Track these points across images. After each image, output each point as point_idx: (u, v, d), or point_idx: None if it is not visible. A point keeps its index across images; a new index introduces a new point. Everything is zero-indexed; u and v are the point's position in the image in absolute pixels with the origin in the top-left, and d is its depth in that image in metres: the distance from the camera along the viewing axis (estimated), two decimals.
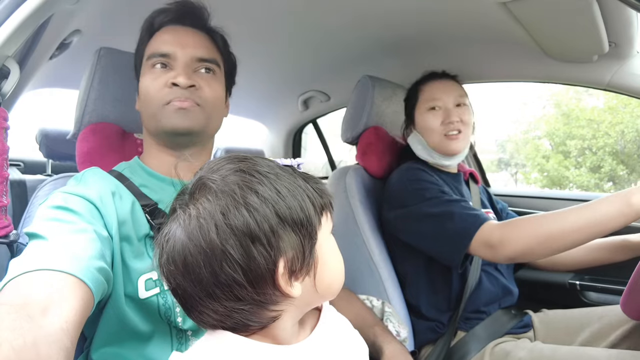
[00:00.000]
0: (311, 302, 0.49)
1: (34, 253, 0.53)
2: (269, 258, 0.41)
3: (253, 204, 0.42)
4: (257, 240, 0.41)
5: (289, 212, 0.43)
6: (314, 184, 0.47)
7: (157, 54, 0.74)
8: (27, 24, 0.63)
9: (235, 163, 0.45)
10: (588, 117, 11.61)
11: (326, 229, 0.48)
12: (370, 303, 0.97)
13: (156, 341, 0.66)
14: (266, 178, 0.44)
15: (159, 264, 0.45)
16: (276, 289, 0.43)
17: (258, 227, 0.41)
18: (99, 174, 0.72)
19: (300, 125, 2.11)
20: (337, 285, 0.49)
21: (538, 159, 12.47)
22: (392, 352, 0.78)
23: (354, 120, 1.31)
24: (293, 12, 1.15)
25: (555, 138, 12.23)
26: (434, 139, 1.15)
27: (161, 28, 0.77)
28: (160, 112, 0.72)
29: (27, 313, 0.44)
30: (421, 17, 1.16)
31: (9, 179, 0.69)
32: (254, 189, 0.42)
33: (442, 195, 1.03)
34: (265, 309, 0.44)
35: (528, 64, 1.31)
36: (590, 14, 0.93)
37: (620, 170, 11.29)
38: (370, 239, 1.14)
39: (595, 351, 0.89)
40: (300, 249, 0.43)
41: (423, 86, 1.20)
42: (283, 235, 0.42)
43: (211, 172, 0.45)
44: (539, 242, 0.85)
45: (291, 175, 0.46)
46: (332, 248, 0.49)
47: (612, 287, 1.29)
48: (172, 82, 0.72)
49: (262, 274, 0.42)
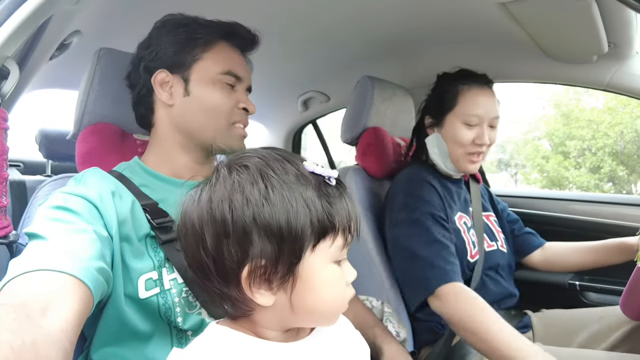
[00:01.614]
0: (288, 319, 0.47)
1: (33, 253, 0.54)
2: (236, 257, 0.43)
3: (235, 202, 0.43)
4: (229, 236, 0.43)
5: (270, 221, 0.42)
6: (328, 205, 0.44)
7: (234, 74, 0.78)
8: (27, 24, 0.63)
9: (254, 158, 0.46)
10: (588, 118, 11.62)
11: (323, 254, 0.45)
12: (370, 304, 0.97)
13: (156, 341, 0.66)
14: (264, 181, 0.44)
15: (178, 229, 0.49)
16: (239, 289, 0.44)
17: (232, 225, 0.43)
18: (99, 174, 0.72)
19: (300, 126, 2.11)
20: (320, 315, 0.47)
21: (538, 159, 12.47)
22: (391, 352, 0.78)
23: (353, 120, 1.31)
24: (293, 13, 1.15)
25: (554, 139, 12.24)
26: (457, 153, 1.10)
27: (226, 42, 0.79)
28: (227, 130, 0.78)
29: (26, 313, 0.44)
30: (421, 17, 1.16)
31: (8, 180, 0.69)
32: (242, 188, 0.43)
33: (430, 227, 1.02)
34: (234, 304, 0.46)
35: (527, 64, 1.32)
36: (590, 15, 0.93)
37: (620, 171, 11.29)
38: (370, 239, 1.14)
39: (595, 353, 0.89)
40: (273, 260, 0.43)
41: (464, 90, 1.09)
42: (256, 241, 0.43)
43: (234, 162, 0.47)
44: (457, 322, 0.90)
45: (302, 187, 0.44)
46: (327, 276, 0.45)
47: (612, 287, 1.29)
48: (243, 106, 0.80)
49: (227, 270, 0.44)
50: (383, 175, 1.28)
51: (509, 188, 8.03)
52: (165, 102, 0.77)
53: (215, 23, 0.79)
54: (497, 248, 1.15)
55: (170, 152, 0.78)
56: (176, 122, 0.77)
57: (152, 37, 0.78)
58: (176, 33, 0.77)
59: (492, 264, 1.12)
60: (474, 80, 1.11)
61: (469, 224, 1.13)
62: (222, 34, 0.79)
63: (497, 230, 1.20)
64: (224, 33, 0.79)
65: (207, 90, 0.76)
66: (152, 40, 0.78)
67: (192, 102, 0.76)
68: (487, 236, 1.15)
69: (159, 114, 0.79)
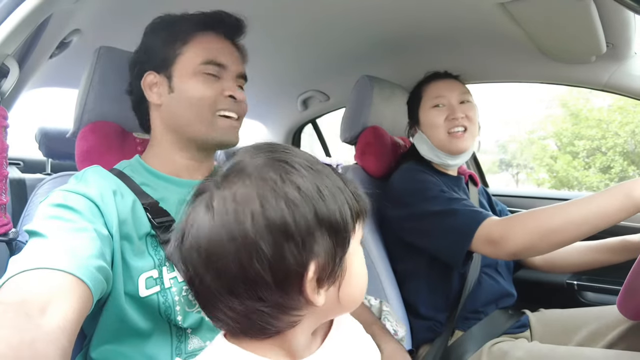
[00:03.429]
0: (331, 312, 0.46)
1: (33, 251, 0.54)
2: (300, 260, 0.38)
3: (294, 199, 0.38)
4: (291, 239, 0.38)
5: (328, 214, 0.39)
6: (353, 188, 0.44)
7: (214, 63, 0.75)
8: (27, 23, 0.63)
9: (275, 153, 0.42)
10: (597, 117, 11.34)
11: (358, 238, 0.45)
12: (368, 302, 0.97)
13: (156, 339, 0.66)
14: (308, 173, 0.40)
15: (179, 249, 0.41)
16: (301, 295, 0.39)
17: (295, 225, 0.38)
18: (100, 172, 0.72)
19: (299, 125, 2.11)
20: (360, 298, 0.46)
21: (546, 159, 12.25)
22: (390, 351, 0.79)
23: (352, 120, 1.31)
24: (292, 12, 1.15)
25: (563, 138, 11.99)
26: (439, 137, 1.14)
27: (205, 32, 0.77)
28: (213, 121, 0.75)
29: (25, 311, 0.44)
30: (420, 17, 1.16)
31: (8, 178, 0.69)
32: (296, 183, 0.39)
33: (442, 194, 1.04)
34: (286, 313, 0.40)
35: (526, 64, 1.32)
36: (588, 15, 0.93)
37: (631, 171, 10.96)
38: (368, 238, 1.14)
39: (593, 351, 0.90)
40: (332, 256, 0.40)
41: (426, 86, 1.20)
42: (318, 238, 0.39)
43: (250, 157, 0.42)
44: (541, 237, 0.84)
45: (332, 175, 0.43)
46: (360, 259, 0.45)
47: (610, 287, 1.30)
48: (229, 94, 0.75)
49: (290, 277, 0.38)
50: (382, 174, 1.28)
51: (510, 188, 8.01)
52: (155, 102, 0.77)
53: (196, 15, 0.77)
54: None
55: (167, 152, 0.77)
56: (166, 121, 0.77)
57: (142, 42, 0.80)
58: (160, 33, 0.78)
59: (491, 261, 1.12)
60: (434, 77, 1.21)
61: None
62: (203, 24, 0.77)
63: None
64: (204, 23, 0.77)
65: (188, 83, 0.74)
66: (142, 44, 0.79)
67: (176, 98, 0.75)
68: None
69: (153, 116, 0.79)
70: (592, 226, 0.80)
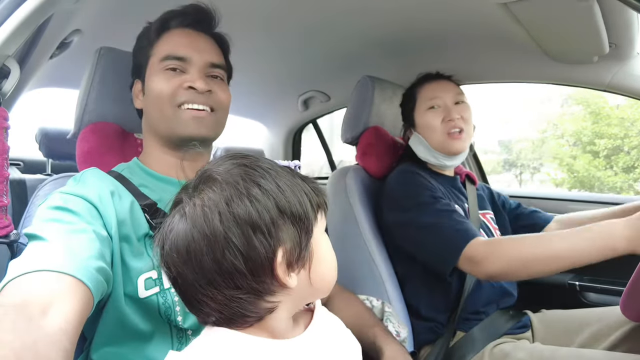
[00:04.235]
0: (306, 295, 0.50)
1: (33, 254, 0.53)
2: (268, 247, 0.43)
3: (255, 195, 0.44)
4: (258, 230, 0.43)
5: (289, 205, 0.45)
6: (311, 184, 0.50)
7: (173, 57, 0.74)
8: (28, 23, 0.63)
9: (239, 159, 0.47)
10: (619, 116, 10.78)
11: (321, 226, 0.50)
12: (370, 303, 0.96)
13: (156, 341, 0.65)
14: (268, 173, 0.46)
15: (161, 253, 0.45)
16: (274, 279, 0.44)
17: (259, 217, 0.43)
18: (98, 174, 0.72)
19: (300, 125, 2.11)
20: (331, 280, 0.51)
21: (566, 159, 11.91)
22: (392, 352, 0.78)
23: (353, 120, 1.31)
24: (293, 12, 1.15)
25: (582, 137, 11.68)
26: (437, 138, 1.15)
27: (171, 29, 0.77)
28: (174, 115, 0.74)
29: (26, 314, 0.44)
30: (422, 17, 1.16)
31: (9, 179, 0.69)
32: (257, 182, 0.44)
33: (434, 202, 1.04)
34: (262, 299, 0.45)
35: (528, 64, 1.32)
36: (591, 15, 0.93)
37: None
38: (370, 239, 1.14)
39: (595, 353, 0.89)
40: (297, 241, 0.45)
41: (420, 88, 1.20)
42: (282, 226, 0.44)
43: (216, 166, 0.47)
44: (520, 265, 0.87)
45: (289, 174, 0.48)
46: (326, 244, 0.51)
47: (612, 287, 1.29)
48: (188, 85, 0.73)
49: (261, 263, 0.43)
50: (383, 175, 1.28)
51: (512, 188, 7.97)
52: (138, 108, 0.80)
53: (163, 14, 0.78)
54: None
55: (157, 152, 0.78)
56: (146, 123, 0.79)
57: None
58: (139, 41, 0.80)
59: None
60: (427, 78, 1.20)
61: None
62: (167, 22, 0.77)
63: (494, 227, 1.21)
64: (168, 21, 0.77)
65: (152, 81, 0.75)
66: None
67: (147, 99, 0.77)
68: (483, 233, 1.15)
69: (142, 120, 0.82)
70: (572, 263, 0.83)
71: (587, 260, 0.82)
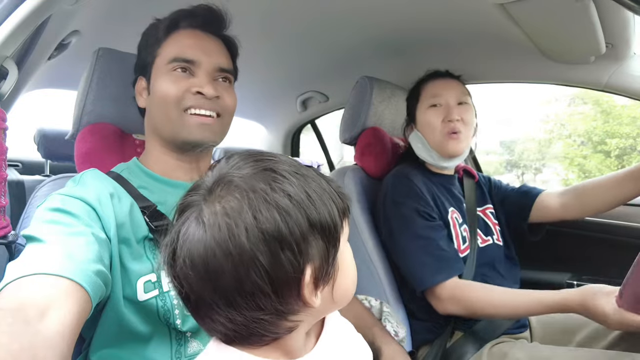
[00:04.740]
0: (326, 310, 0.47)
1: (31, 257, 0.53)
2: (297, 266, 0.39)
3: (286, 208, 0.39)
4: (287, 247, 0.38)
5: (319, 217, 0.40)
6: (336, 186, 0.44)
7: (181, 59, 0.73)
8: (26, 24, 0.63)
9: (260, 162, 0.42)
10: (631, 115, 10.50)
11: (346, 235, 0.45)
12: (369, 303, 0.97)
13: (155, 343, 0.65)
14: (296, 179, 0.41)
15: (171, 265, 0.40)
16: (299, 299, 0.40)
17: (290, 232, 0.38)
18: (97, 175, 0.71)
19: (298, 126, 2.11)
20: (351, 293, 0.47)
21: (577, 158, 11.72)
22: (390, 352, 0.79)
23: (352, 120, 1.31)
24: (292, 12, 1.15)
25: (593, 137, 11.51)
26: (435, 138, 1.14)
27: (180, 29, 0.76)
28: (179, 119, 0.72)
29: (23, 317, 0.44)
30: (420, 18, 1.16)
31: (7, 180, 0.69)
32: (286, 191, 0.39)
33: (415, 221, 1.05)
34: (285, 319, 0.41)
35: (526, 64, 1.32)
36: (587, 16, 0.93)
37: None
38: (368, 239, 1.14)
39: (593, 352, 0.90)
40: (325, 257, 0.41)
41: (425, 84, 1.19)
42: (312, 242, 0.40)
43: (235, 169, 0.41)
44: (477, 311, 0.98)
45: (317, 178, 0.43)
46: (349, 255, 0.47)
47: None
48: (197, 90, 0.72)
49: (288, 283, 0.39)
50: (382, 175, 1.28)
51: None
52: (141, 106, 0.79)
53: (173, 13, 0.76)
54: (492, 242, 1.16)
55: (158, 153, 0.77)
56: (149, 123, 0.78)
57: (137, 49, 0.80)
58: (145, 38, 0.78)
59: (487, 260, 1.12)
60: (435, 76, 1.20)
61: (460, 220, 1.13)
62: (176, 21, 0.76)
63: (494, 223, 1.21)
64: (177, 20, 0.75)
65: (158, 83, 0.73)
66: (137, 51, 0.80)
67: (152, 100, 0.75)
68: (481, 231, 1.15)
69: (145, 119, 0.80)
70: (525, 316, 0.94)
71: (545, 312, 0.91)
